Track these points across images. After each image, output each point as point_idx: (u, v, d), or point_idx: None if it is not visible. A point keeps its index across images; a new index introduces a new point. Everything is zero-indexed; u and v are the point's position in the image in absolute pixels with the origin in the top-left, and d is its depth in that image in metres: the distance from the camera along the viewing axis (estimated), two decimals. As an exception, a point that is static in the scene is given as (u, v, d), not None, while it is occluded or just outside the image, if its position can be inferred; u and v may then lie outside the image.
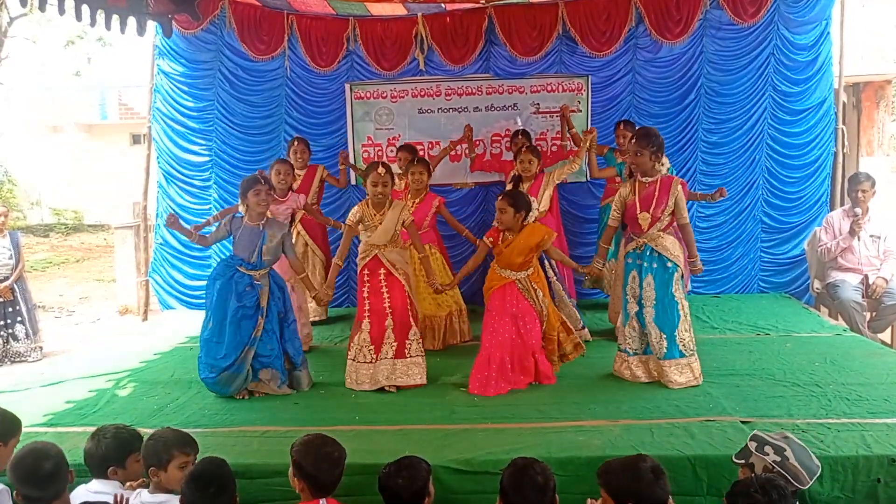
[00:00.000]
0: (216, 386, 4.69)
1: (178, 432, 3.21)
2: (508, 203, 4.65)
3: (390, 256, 4.87)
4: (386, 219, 4.82)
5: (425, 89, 7.46)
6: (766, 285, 7.44)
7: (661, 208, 4.61)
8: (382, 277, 4.87)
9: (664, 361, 4.64)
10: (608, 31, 7.18)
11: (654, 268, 4.66)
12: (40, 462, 2.77)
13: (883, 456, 3.48)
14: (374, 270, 4.89)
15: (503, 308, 4.73)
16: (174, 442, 3.09)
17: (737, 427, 3.86)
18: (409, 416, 4.28)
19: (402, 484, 2.86)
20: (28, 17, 15.68)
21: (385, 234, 4.83)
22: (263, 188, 4.71)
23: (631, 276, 4.77)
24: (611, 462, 2.83)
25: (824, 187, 7.28)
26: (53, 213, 19.54)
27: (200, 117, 7.60)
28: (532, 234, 4.68)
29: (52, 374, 5.35)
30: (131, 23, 6.54)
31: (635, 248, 4.76)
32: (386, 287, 4.86)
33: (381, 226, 4.83)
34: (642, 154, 4.62)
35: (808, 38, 7.07)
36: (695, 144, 7.25)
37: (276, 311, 4.83)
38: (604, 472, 2.79)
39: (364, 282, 4.91)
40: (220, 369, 4.64)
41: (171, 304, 7.71)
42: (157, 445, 3.07)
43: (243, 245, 4.74)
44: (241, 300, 4.68)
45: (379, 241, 4.85)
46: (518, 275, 4.74)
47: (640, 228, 4.68)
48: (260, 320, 4.72)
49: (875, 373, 4.77)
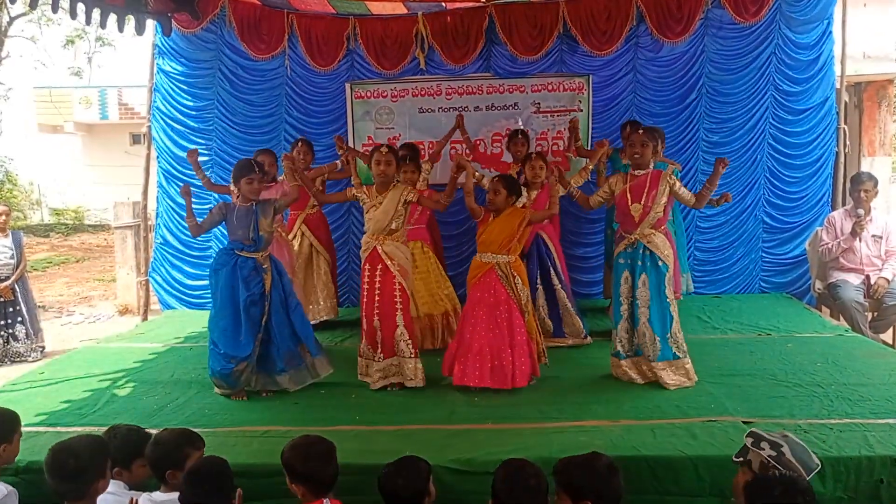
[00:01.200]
0: (230, 378, 4.64)
1: (181, 432, 3.23)
2: (503, 185, 4.71)
3: (388, 249, 4.82)
4: (386, 199, 4.79)
5: (426, 88, 7.44)
6: (767, 285, 7.42)
7: (651, 198, 4.62)
8: (379, 273, 4.84)
9: (658, 363, 4.63)
10: (609, 31, 7.15)
11: (647, 267, 4.65)
12: (67, 459, 2.78)
13: (886, 456, 3.47)
14: (373, 266, 4.87)
15: (481, 299, 4.73)
16: (183, 441, 3.12)
17: (738, 427, 3.85)
18: (409, 416, 4.27)
19: (402, 484, 2.84)
20: (28, 16, 15.68)
21: (385, 215, 4.77)
22: (256, 177, 4.70)
23: (623, 277, 4.75)
24: (566, 460, 2.83)
25: (826, 187, 7.26)
26: (53, 214, 19.56)
27: (200, 116, 7.59)
28: (513, 215, 4.75)
29: (52, 374, 5.32)
30: (130, 22, 6.53)
31: (627, 247, 4.73)
32: (379, 284, 4.83)
33: (381, 206, 4.78)
34: (647, 145, 4.67)
35: (810, 38, 7.05)
36: (696, 144, 7.23)
37: (279, 298, 4.81)
38: (560, 470, 2.78)
39: (364, 278, 4.90)
40: (239, 359, 4.63)
41: (172, 303, 7.70)
42: (169, 448, 3.08)
43: (239, 226, 4.73)
44: (248, 288, 4.68)
45: (379, 224, 4.79)
46: (498, 258, 4.72)
47: (633, 222, 4.66)
48: (266, 306, 4.72)
49: (877, 373, 4.75)
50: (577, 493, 2.68)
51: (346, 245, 7.61)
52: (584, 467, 2.75)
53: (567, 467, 2.78)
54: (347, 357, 5.25)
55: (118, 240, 9.52)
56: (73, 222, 18.50)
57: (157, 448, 3.09)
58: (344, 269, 7.53)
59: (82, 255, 14.76)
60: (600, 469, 2.73)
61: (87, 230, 17.71)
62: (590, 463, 2.77)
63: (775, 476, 2.59)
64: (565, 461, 2.82)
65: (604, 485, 2.69)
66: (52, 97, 17.32)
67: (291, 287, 5.00)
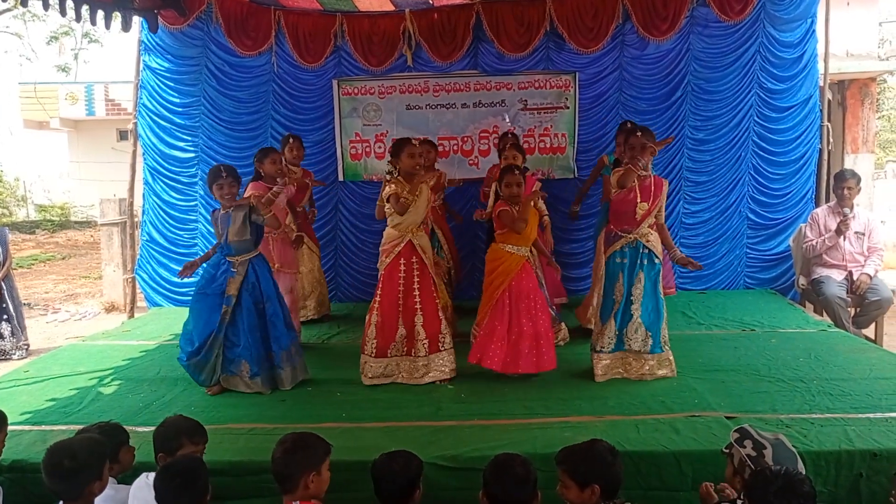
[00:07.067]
0: (189, 370, 4.71)
1: (190, 421, 3.27)
2: (520, 175, 4.79)
3: (422, 242, 4.80)
4: (422, 192, 4.73)
5: (413, 85, 7.45)
6: (751, 281, 7.49)
7: (655, 202, 4.69)
8: (416, 268, 4.76)
9: (648, 356, 4.71)
10: (595, 28, 7.18)
11: (644, 265, 4.70)
12: (62, 459, 2.77)
13: (865, 450, 3.52)
14: (408, 260, 4.76)
15: (522, 289, 4.77)
16: (184, 430, 3.16)
17: (721, 422, 3.89)
18: (395, 413, 4.29)
19: (397, 469, 2.89)
20: (12, 11, 15.55)
21: (426, 207, 4.74)
22: (226, 182, 4.66)
23: (618, 276, 4.75)
24: (568, 449, 2.90)
25: (810, 184, 7.33)
26: (39, 210, 19.42)
27: (186, 113, 7.56)
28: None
29: (37, 372, 5.30)
30: (117, 18, 6.50)
31: (624, 246, 4.73)
32: (418, 279, 4.77)
33: (420, 198, 4.70)
34: (647, 148, 4.67)
35: (794, 36, 7.11)
36: (681, 141, 7.27)
37: (252, 302, 4.72)
38: (565, 458, 2.85)
39: (397, 274, 4.75)
40: (189, 353, 4.67)
41: (158, 300, 7.67)
42: (168, 432, 3.14)
43: (219, 233, 4.78)
44: (208, 286, 4.72)
45: (419, 217, 4.72)
46: (526, 250, 4.83)
47: (635, 221, 4.67)
48: (225, 308, 4.68)
49: (858, 368, 4.81)
50: (584, 478, 2.76)
51: (334, 242, 7.61)
52: (588, 452, 2.83)
53: (571, 455, 2.86)
54: (336, 354, 5.28)
55: (104, 237, 9.48)
56: (59, 219, 18.38)
57: (160, 429, 3.16)
58: (331, 266, 7.54)
59: (68, 252, 14.68)
60: (604, 453, 2.83)
61: (74, 227, 17.61)
62: (593, 448, 2.85)
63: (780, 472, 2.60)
64: (568, 449, 2.90)
65: (608, 468, 2.79)
66: (37, 93, 17.17)
67: (274, 293, 4.82)
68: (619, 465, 2.83)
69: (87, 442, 2.92)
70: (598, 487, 2.74)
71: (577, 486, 2.77)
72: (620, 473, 2.84)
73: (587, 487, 2.75)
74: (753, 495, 2.56)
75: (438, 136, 7.28)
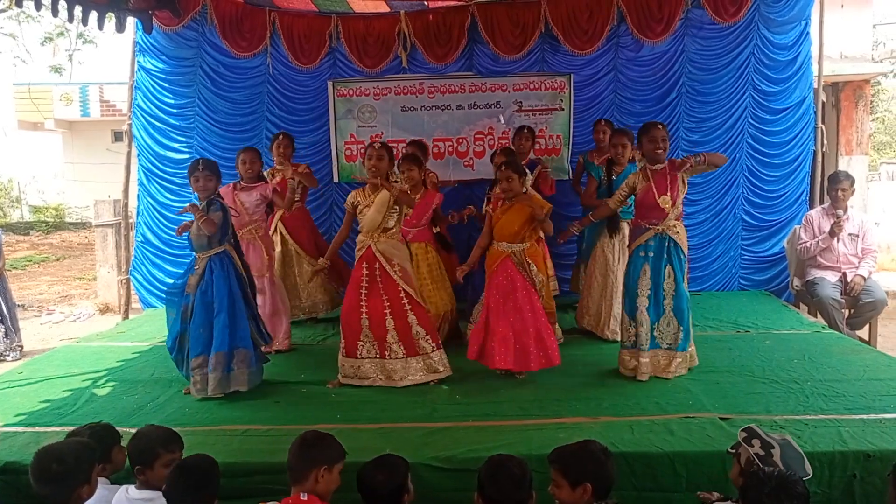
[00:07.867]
0: (176, 366, 4.80)
1: (162, 429, 3.22)
2: (513, 171, 4.81)
3: (383, 247, 4.80)
4: (377, 198, 4.76)
5: (408, 87, 7.45)
6: (746, 283, 7.51)
7: (676, 190, 4.67)
8: (378, 273, 4.80)
9: (677, 353, 4.74)
10: (590, 30, 7.19)
11: (672, 259, 4.71)
12: (50, 464, 2.75)
13: (859, 452, 3.52)
14: (370, 265, 4.81)
15: (500, 286, 4.83)
16: (158, 440, 3.09)
17: (716, 424, 3.89)
18: (390, 414, 4.28)
19: (380, 480, 2.86)
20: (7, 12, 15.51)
21: (378, 214, 4.73)
22: (201, 174, 4.64)
23: (643, 269, 4.74)
24: (561, 448, 2.91)
25: (804, 186, 7.35)
26: (34, 211, 19.35)
27: (181, 114, 7.55)
28: (521, 211, 4.82)
29: (31, 374, 5.27)
30: (111, 19, 6.49)
31: (650, 240, 4.71)
32: (382, 286, 4.79)
33: (373, 204, 4.75)
34: (666, 140, 4.70)
35: (788, 38, 7.14)
36: (676, 143, 7.26)
37: (202, 300, 4.62)
38: (558, 457, 2.86)
39: (360, 278, 4.82)
40: (170, 349, 4.75)
41: (153, 302, 7.64)
42: (141, 444, 3.07)
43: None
44: (176, 283, 4.79)
45: (373, 222, 4.76)
46: (513, 247, 4.83)
47: (662, 213, 4.66)
48: (184, 306, 4.67)
49: (852, 369, 4.82)
50: (575, 477, 2.77)
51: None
52: (581, 452, 2.85)
53: (563, 454, 2.86)
54: (328, 356, 5.24)
55: (99, 238, 9.46)
56: (53, 220, 18.32)
57: (133, 442, 3.10)
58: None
59: (63, 253, 14.64)
60: (596, 453, 2.84)
61: (68, 228, 17.56)
62: (585, 448, 2.87)
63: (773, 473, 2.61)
64: (560, 449, 2.91)
65: (600, 467, 2.80)
66: (31, 94, 17.11)
67: (226, 294, 4.64)
68: (611, 464, 2.85)
69: (75, 446, 2.89)
70: (590, 486, 2.75)
71: (569, 484, 2.78)
72: (612, 473, 2.85)
73: (579, 486, 2.76)
74: (748, 496, 2.57)
75: (433, 137, 7.29)
